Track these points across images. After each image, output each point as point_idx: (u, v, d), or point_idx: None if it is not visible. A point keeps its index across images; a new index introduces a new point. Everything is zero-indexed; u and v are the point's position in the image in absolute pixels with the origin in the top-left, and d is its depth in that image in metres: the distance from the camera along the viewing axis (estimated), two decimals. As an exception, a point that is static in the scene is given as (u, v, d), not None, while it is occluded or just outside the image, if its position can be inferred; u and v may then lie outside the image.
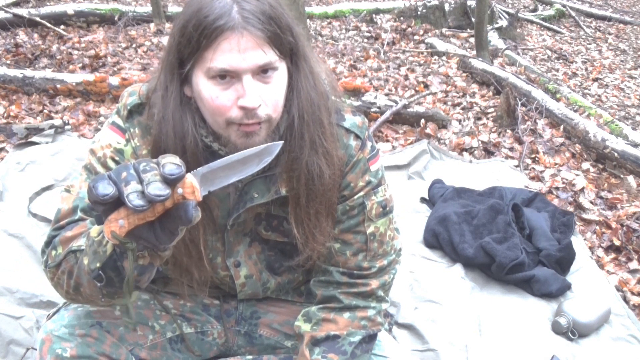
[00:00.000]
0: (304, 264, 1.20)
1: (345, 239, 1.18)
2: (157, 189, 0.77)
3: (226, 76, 0.96)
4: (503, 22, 6.45)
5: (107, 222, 0.81)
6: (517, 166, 3.07)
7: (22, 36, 4.50)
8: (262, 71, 0.97)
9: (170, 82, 1.02)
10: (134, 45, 4.58)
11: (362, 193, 1.16)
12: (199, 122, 1.04)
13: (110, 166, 1.08)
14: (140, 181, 0.78)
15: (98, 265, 0.90)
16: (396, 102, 3.49)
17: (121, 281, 0.91)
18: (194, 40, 0.95)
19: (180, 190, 0.79)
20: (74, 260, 0.98)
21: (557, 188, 2.85)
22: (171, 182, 0.78)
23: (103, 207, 0.80)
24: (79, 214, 1.06)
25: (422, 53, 5.24)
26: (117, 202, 0.79)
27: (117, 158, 1.09)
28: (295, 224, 1.11)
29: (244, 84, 0.95)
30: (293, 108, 1.05)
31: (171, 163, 0.79)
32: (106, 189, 0.77)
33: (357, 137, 1.15)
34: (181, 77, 1.01)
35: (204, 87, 0.97)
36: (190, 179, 0.81)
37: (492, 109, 3.84)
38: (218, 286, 1.29)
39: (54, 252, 1.03)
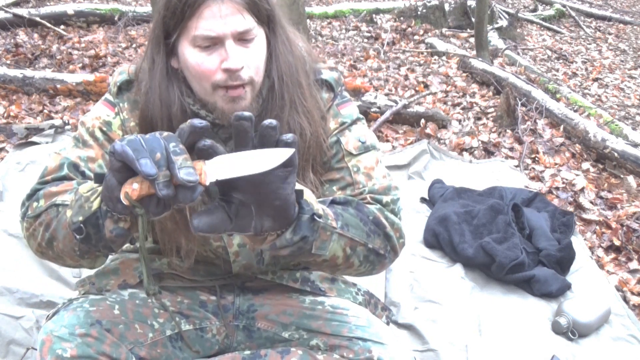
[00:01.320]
0: None
1: (330, 177, 1.20)
2: (188, 174, 0.80)
3: (210, 43, 1.03)
4: (503, 22, 6.46)
5: (126, 183, 0.85)
6: (517, 166, 3.07)
7: (22, 36, 4.50)
8: (243, 36, 1.05)
9: (157, 54, 1.10)
10: (134, 45, 4.58)
11: (335, 132, 1.21)
12: (185, 91, 1.11)
13: (97, 136, 1.16)
14: (169, 162, 0.81)
15: (81, 218, 0.93)
16: (396, 102, 3.49)
17: (98, 239, 0.94)
18: (178, 11, 1.03)
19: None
20: (54, 214, 1.03)
21: (557, 188, 2.85)
22: (198, 136, 0.84)
23: (125, 173, 0.84)
24: (65, 171, 1.13)
25: (422, 53, 5.24)
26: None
27: (104, 129, 1.17)
28: None
29: (227, 48, 1.03)
30: (273, 71, 1.12)
31: (194, 123, 0.83)
32: (152, 169, 0.80)
33: (330, 88, 1.22)
34: (167, 49, 1.09)
35: (190, 55, 1.05)
36: (201, 164, 0.84)
37: (492, 109, 3.84)
38: (212, 262, 1.29)
39: (35, 204, 1.08)
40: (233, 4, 1.02)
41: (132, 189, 0.84)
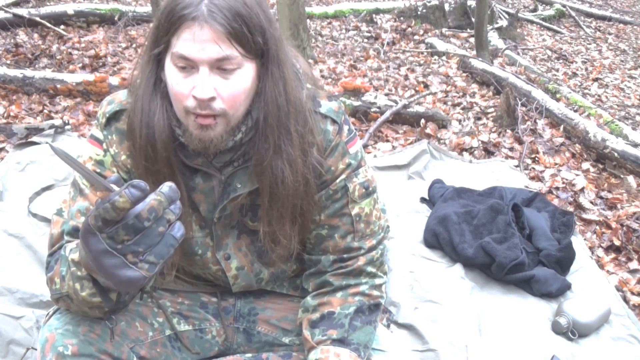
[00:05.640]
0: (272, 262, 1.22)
1: (332, 223, 1.20)
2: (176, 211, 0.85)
3: (186, 65, 0.99)
4: (503, 22, 6.45)
5: None
6: (517, 166, 3.07)
7: (22, 36, 4.50)
8: (222, 65, 0.99)
9: (147, 63, 1.07)
10: (134, 45, 4.58)
11: (343, 176, 1.18)
12: (167, 106, 1.07)
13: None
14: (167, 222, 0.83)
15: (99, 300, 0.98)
16: (396, 102, 3.49)
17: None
18: (164, 26, 1.00)
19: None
20: (69, 301, 1.04)
21: (557, 188, 2.85)
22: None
23: None
24: (66, 238, 1.10)
25: (422, 53, 5.24)
26: None
27: (98, 170, 1.13)
28: (261, 223, 1.15)
29: (199, 75, 0.98)
30: (258, 110, 1.06)
31: (166, 194, 0.82)
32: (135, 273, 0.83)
33: (333, 121, 1.17)
34: (156, 60, 1.05)
35: (170, 72, 1.01)
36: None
37: (492, 109, 3.84)
38: (213, 282, 1.29)
39: (52, 286, 1.07)
40: (213, 30, 0.96)
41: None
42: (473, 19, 5.54)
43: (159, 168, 1.08)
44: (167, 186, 0.82)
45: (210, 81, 0.98)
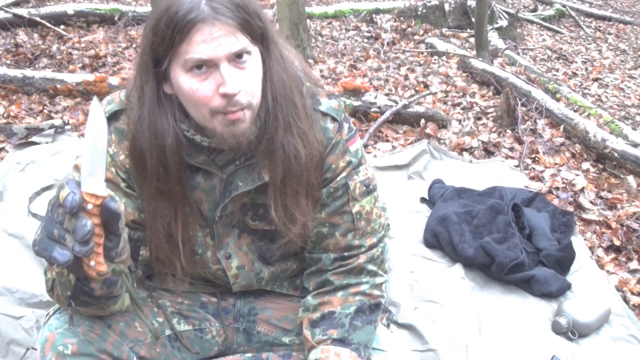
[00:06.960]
0: (288, 245, 1.22)
1: (333, 221, 1.20)
2: (80, 230, 0.81)
3: (203, 66, 0.98)
4: (503, 22, 6.46)
5: (85, 269, 0.86)
6: (517, 166, 3.07)
7: (22, 36, 4.50)
8: (237, 57, 0.99)
9: (146, 82, 1.04)
10: (134, 45, 4.58)
11: (344, 174, 1.18)
12: (179, 116, 1.07)
13: None
14: (67, 231, 0.82)
15: (69, 293, 0.99)
16: (396, 102, 3.49)
17: (95, 300, 1.00)
18: (167, 37, 0.97)
19: (89, 207, 0.82)
20: (56, 284, 1.05)
21: (557, 188, 2.85)
22: (77, 210, 0.81)
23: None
24: None
25: (422, 53, 5.24)
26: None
27: None
28: (274, 205, 1.14)
29: (222, 72, 0.98)
30: (267, 92, 1.07)
31: (63, 196, 0.81)
32: (64, 255, 0.82)
33: (333, 119, 1.18)
34: (158, 76, 1.04)
35: (184, 81, 1.00)
36: (83, 190, 0.83)
37: (492, 109, 3.84)
38: (213, 282, 1.30)
39: (45, 277, 1.09)
40: (225, 25, 0.96)
41: (92, 267, 0.85)
42: (473, 19, 5.54)
43: (171, 187, 1.09)
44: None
45: (234, 75, 0.99)
